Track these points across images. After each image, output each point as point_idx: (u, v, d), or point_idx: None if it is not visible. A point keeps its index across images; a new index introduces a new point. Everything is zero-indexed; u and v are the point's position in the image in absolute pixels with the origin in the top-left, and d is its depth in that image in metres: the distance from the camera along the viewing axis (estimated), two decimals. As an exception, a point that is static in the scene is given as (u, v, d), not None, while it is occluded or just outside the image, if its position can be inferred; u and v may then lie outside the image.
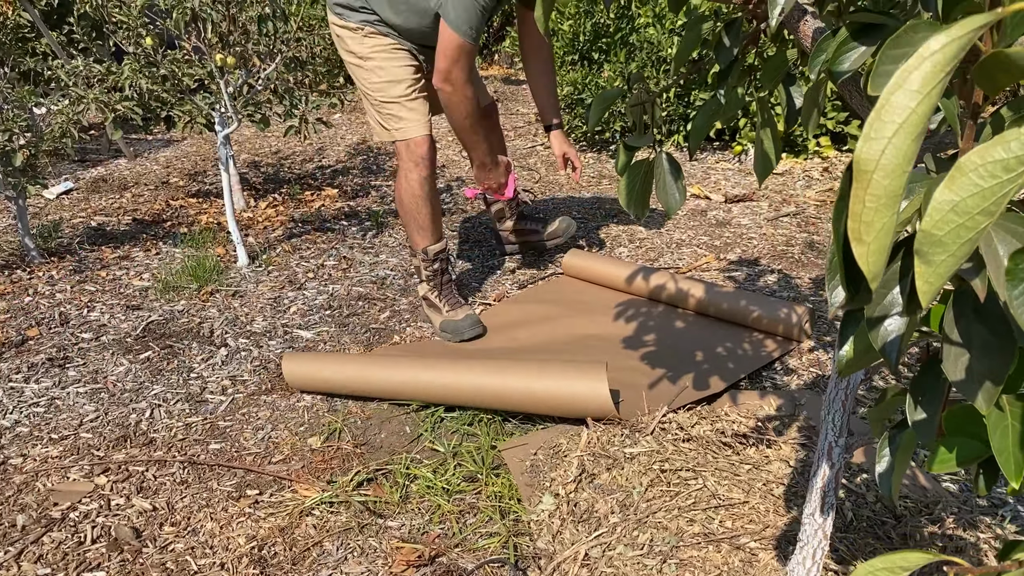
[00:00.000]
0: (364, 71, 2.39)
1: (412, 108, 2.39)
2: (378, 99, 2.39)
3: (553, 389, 1.81)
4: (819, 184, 3.89)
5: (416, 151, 2.38)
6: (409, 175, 2.40)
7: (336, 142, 5.37)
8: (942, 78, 0.38)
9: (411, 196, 2.42)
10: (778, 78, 1.09)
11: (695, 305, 2.49)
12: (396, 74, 2.38)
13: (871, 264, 0.43)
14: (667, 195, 1.24)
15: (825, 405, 1.10)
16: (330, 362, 2.11)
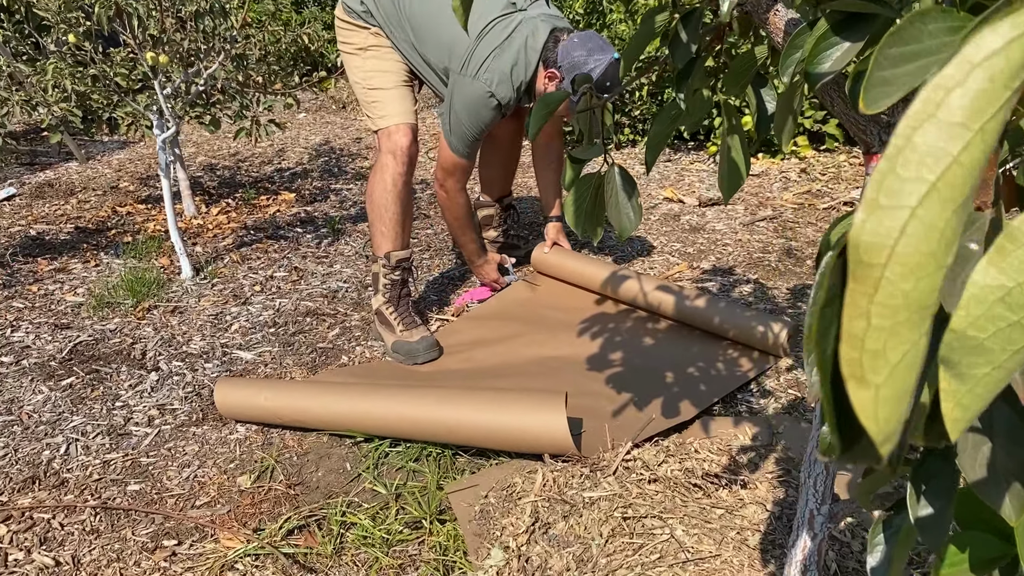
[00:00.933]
0: (358, 59, 2.31)
1: (396, 97, 2.30)
2: (365, 86, 2.31)
3: (507, 423, 1.63)
4: (796, 186, 3.74)
5: (395, 140, 2.24)
6: (384, 168, 2.25)
7: (298, 143, 5.16)
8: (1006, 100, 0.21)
9: (382, 191, 2.26)
10: (745, 80, 0.92)
11: (667, 314, 2.33)
12: (388, 67, 2.31)
13: (882, 419, 0.26)
14: (619, 214, 1.07)
15: (805, 466, 0.93)
16: (266, 389, 1.92)
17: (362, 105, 2.34)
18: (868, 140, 0.76)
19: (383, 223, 2.27)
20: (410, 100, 2.32)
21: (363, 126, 5.66)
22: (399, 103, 2.28)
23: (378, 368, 2.21)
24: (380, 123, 2.27)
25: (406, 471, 1.75)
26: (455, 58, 2.20)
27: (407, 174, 2.26)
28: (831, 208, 3.39)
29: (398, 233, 2.29)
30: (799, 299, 2.52)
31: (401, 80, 2.31)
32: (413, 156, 2.27)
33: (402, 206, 2.27)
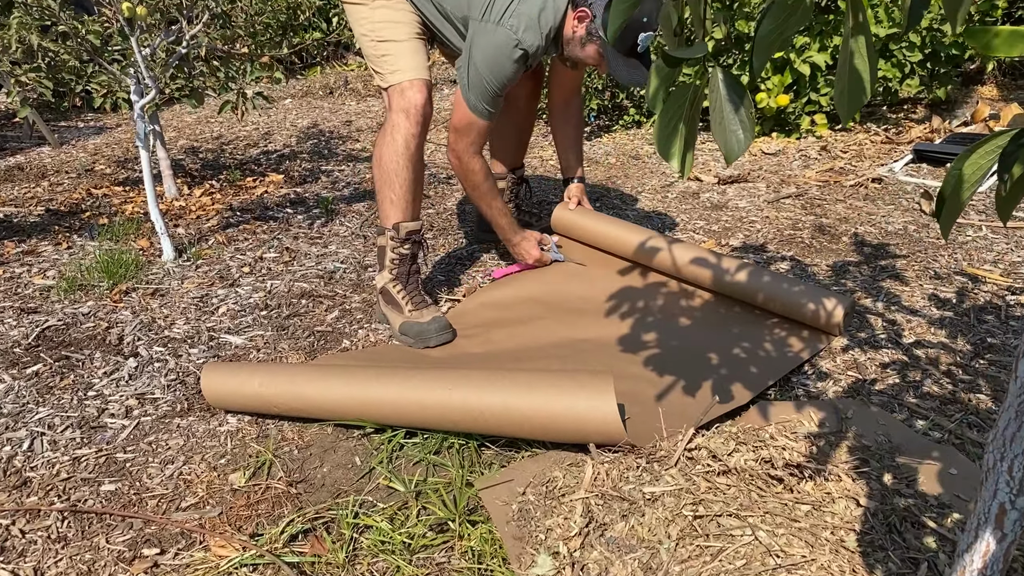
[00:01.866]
0: (366, 8, 2.07)
1: (409, 50, 2.06)
2: (374, 39, 2.06)
3: (546, 409, 1.40)
4: (818, 164, 3.53)
5: (408, 98, 2.00)
6: (396, 128, 2.01)
7: (284, 126, 4.90)
8: None
9: (393, 154, 2.01)
10: None
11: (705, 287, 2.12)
12: (400, 17, 2.08)
13: None
14: (725, 131, 0.85)
15: (994, 446, 0.70)
16: (260, 374, 1.68)
17: (370, 60, 2.09)
18: None
19: (392, 190, 2.03)
20: (424, 54, 2.09)
21: (352, 109, 5.41)
22: (412, 57, 2.04)
23: (385, 352, 1.97)
24: (391, 79, 2.03)
25: (426, 465, 1.51)
26: (475, 4, 1.96)
27: (421, 135, 2.03)
28: (858, 185, 3.18)
29: (408, 202, 2.05)
30: (841, 276, 2.31)
31: (414, 32, 2.08)
32: (428, 115, 2.03)
33: (414, 171, 2.03)
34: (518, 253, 2.34)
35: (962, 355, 1.85)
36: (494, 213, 2.26)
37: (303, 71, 6.96)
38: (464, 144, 2.11)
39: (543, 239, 2.37)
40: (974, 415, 1.61)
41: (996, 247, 2.47)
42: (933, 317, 2.03)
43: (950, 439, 1.54)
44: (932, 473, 1.40)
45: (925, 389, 1.72)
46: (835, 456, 1.43)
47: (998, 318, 2.01)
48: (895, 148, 3.71)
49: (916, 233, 2.63)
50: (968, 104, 4.39)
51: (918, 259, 2.41)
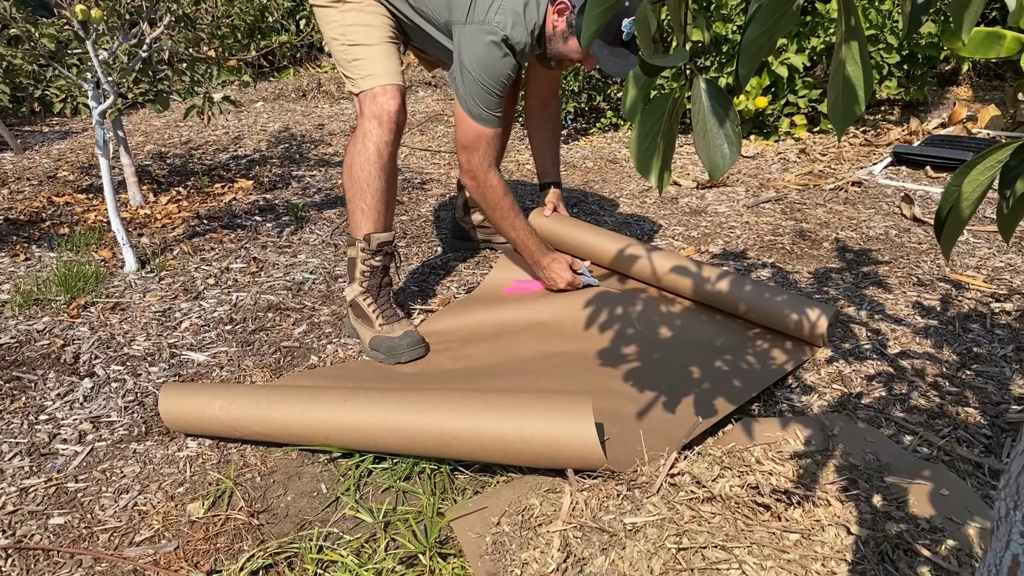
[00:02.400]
0: (335, 11, 1.97)
1: (381, 55, 1.97)
2: (345, 43, 1.97)
3: (520, 432, 1.33)
4: (797, 167, 3.49)
5: (380, 104, 1.91)
6: (368, 136, 1.92)
7: (255, 130, 4.80)
8: None
9: (364, 162, 1.92)
10: None
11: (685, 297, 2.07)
12: (371, 20, 1.98)
13: None
14: (709, 146, 0.78)
15: (1006, 493, 0.64)
16: (222, 395, 1.60)
17: (340, 65, 2.00)
18: None
19: (364, 200, 1.94)
20: (396, 59, 2.00)
21: (325, 112, 5.31)
22: (385, 61, 1.96)
23: (354, 369, 1.89)
24: (363, 84, 1.94)
25: (395, 493, 1.43)
26: (457, 6, 1.89)
27: (394, 143, 1.94)
28: (838, 189, 3.14)
29: (381, 212, 1.97)
30: (823, 283, 2.26)
31: (387, 36, 1.99)
32: (401, 122, 1.95)
33: (387, 180, 1.95)
34: (548, 277, 2.18)
35: (948, 365, 1.80)
36: (519, 234, 2.13)
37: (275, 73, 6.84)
38: (477, 160, 2.00)
39: (574, 262, 2.22)
40: (963, 429, 1.56)
41: (979, 252, 2.44)
42: (918, 326, 1.99)
43: (939, 455, 1.49)
44: (923, 494, 1.34)
45: (912, 402, 1.67)
46: (823, 477, 1.37)
47: (983, 327, 1.97)
48: (874, 150, 3.68)
49: (898, 238, 2.59)
50: (944, 105, 4.38)
51: (901, 265, 2.37)
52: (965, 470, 1.44)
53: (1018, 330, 1.94)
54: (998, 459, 1.47)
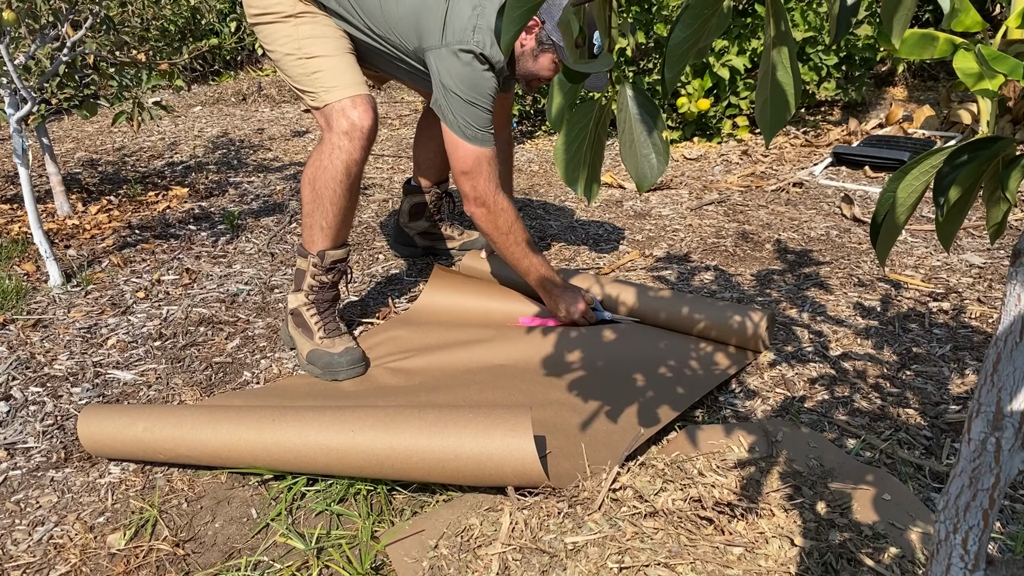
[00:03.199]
0: (287, 26, 1.82)
1: (345, 65, 1.84)
2: (301, 56, 1.82)
3: (458, 450, 1.28)
4: (740, 168, 3.51)
5: (350, 117, 1.78)
6: (336, 151, 1.79)
7: (192, 136, 4.66)
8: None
9: (331, 180, 1.80)
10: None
11: (627, 313, 2.03)
12: (325, 32, 1.85)
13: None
14: (637, 156, 0.75)
15: (945, 515, 0.62)
16: (145, 417, 1.52)
17: (297, 81, 1.84)
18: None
19: (324, 217, 1.84)
20: (359, 69, 1.88)
21: (266, 116, 5.19)
22: (349, 71, 1.83)
23: (289, 386, 1.82)
24: (327, 97, 1.79)
25: (329, 516, 1.37)
26: (428, 32, 1.79)
27: (363, 160, 1.82)
28: (780, 190, 3.16)
29: (339, 229, 1.87)
30: (766, 285, 2.26)
31: (345, 47, 1.87)
32: (373, 135, 1.82)
33: (352, 200, 1.85)
34: (560, 309, 2.00)
35: (889, 366, 1.81)
36: (534, 262, 1.96)
37: (215, 77, 6.68)
38: (483, 184, 1.86)
39: (586, 294, 2.03)
40: (904, 431, 1.56)
41: (916, 251, 2.47)
42: (859, 327, 1.99)
43: (882, 458, 1.48)
44: (866, 500, 1.34)
45: (855, 405, 1.67)
46: (767, 485, 1.35)
47: (922, 326, 1.98)
48: (815, 151, 3.73)
49: (838, 238, 2.61)
50: (881, 106, 4.46)
51: (841, 265, 2.38)
52: (907, 472, 1.44)
53: (955, 329, 1.96)
54: (939, 461, 1.47)
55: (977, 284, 2.21)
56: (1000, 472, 0.57)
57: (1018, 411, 0.55)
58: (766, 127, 0.79)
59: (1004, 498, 1.37)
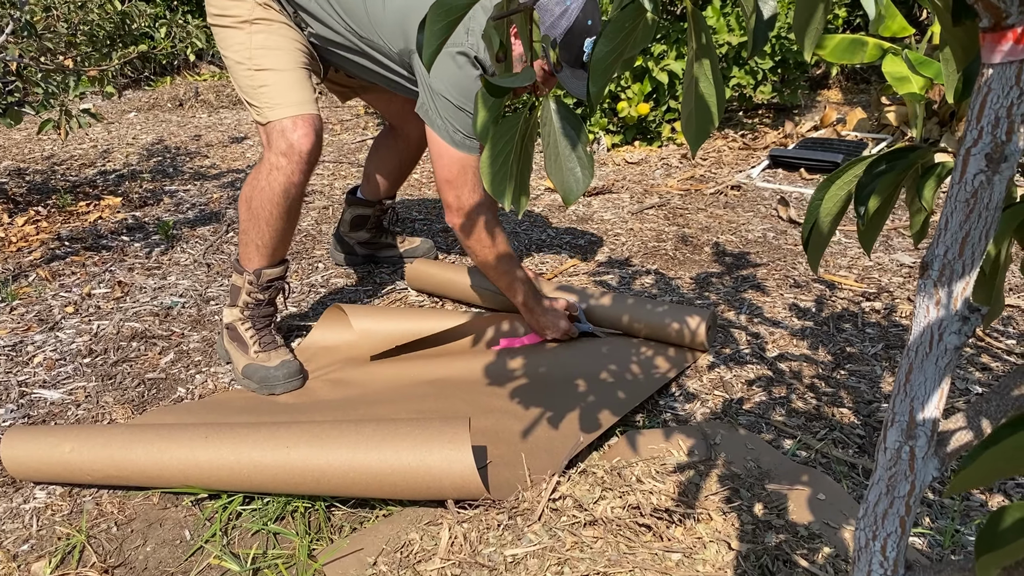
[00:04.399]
0: (241, 33, 1.75)
1: (293, 81, 1.77)
2: (250, 67, 1.75)
3: (395, 464, 1.27)
4: (679, 172, 3.56)
5: (290, 138, 1.72)
6: (274, 172, 1.74)
7: (126, 143, 4.54)
8: None
9: (267, 201, 1.75)
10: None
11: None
12: (281, 43, 1.78)
13: None
14: (562, 170, 0.74)
15: (865, 522, 0.63)
16: (72, 437, 1.46)
17: (244, 92, 1.79)
18: (1000, 4, 0.47)
19: (261, 237, 1.79)
20: (310, 86, 1.82)
21: (203, 122, 5.08)
22: (297, 89, 1.77)
23: (224, 401, 1.78)
24: (270, 114, 1.74)
25: (265, 536, 1.34)
26: (415, 33, 1.75)
27: (304, 183, 1.78)
28: (719, 193, 3.21)
29: (276, 249, 1.82)
30: (705, 288, 2.29)
31: (299, 61, 1.81)
32: (314, 158, 1.77)
33: (290, 221, 1.80)
34: (541, 325, 1.94)
35: (824, 366, 1.85)
36: (517, 279, 1.89)
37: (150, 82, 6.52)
38: (467, 194, 1.80)
39: (570, 307, 1.97)
40: (839, 431, 1.60)
41: (850, 252, 2.53)
42: (795, 328, 2.03)
43: (817, 458, 1.51)
44: (802, 500, 1.36)
45: (791, 405, 1.70)
46: (705, 488, 1.37)
47: (855, 326, 2.03)
48: (752, 153, 3.80)
49: (775, 240, 2.66)
50: (816, 108, 4.56)
51: (778, 267, 2.43)
52: (841, 471, 1.47)
53: (887, 328, 2.02)
54: (871, 459, 1.51)
55: (907, 283, 2.27)
56: (915, 480, 0.58)
57: (930, 420, 0.56)
58: (691, 138, 0.80)
59: (934, 494, 1.41)
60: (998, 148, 0.49)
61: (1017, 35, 0.47)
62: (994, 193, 0.50)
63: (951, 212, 0.52)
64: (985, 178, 0.50)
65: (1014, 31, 0.47)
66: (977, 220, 0.51)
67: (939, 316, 0.54)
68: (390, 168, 2.40)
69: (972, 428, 0.58)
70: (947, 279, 0.53)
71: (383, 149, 2.39)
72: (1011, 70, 0.48)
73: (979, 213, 0.51)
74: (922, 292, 0.55)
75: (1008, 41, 0.47)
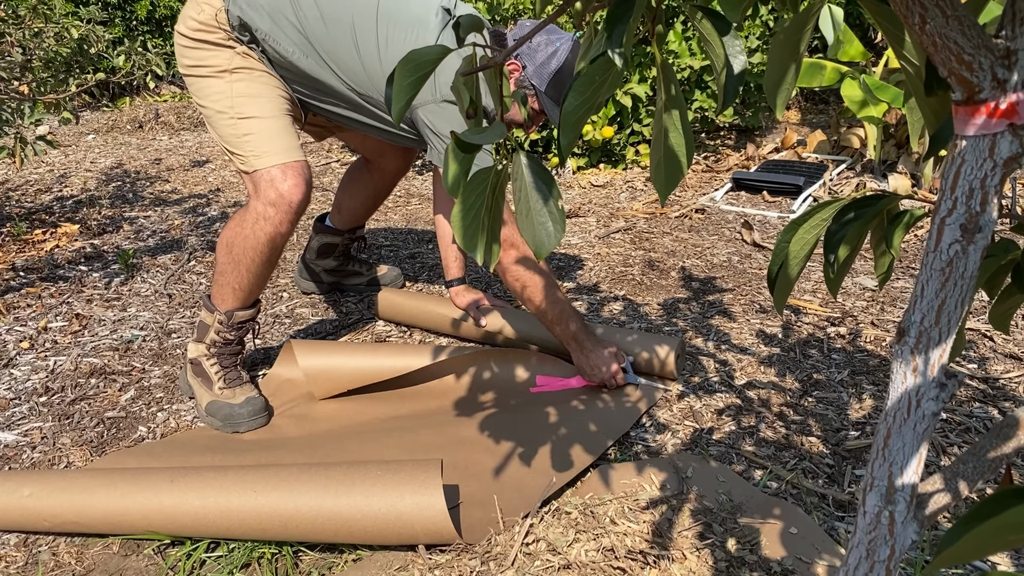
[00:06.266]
0: (221, 82, 1.72)
1: (278, 129, 1.74)
2: (233, 116, 1.71)
3: (365, 509, 1.24)
4: (644, 195, 3.58)
5: (279, 188, 1.69)
6: (260, 221, 1.70)
7: (84, 167, 4.45)
8: None
9: (250, 249, 1.72)
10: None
11: (539, 347, 2.02)
12: (264, 91, 1.75)
13: None
14: (533, 224, 0.73)
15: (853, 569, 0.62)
16: (30, 482, 1.42)
17: (227, 142, 1.74)
18: (973, 79, 0.47)
19: (239, 281, 1.76)
20: (294, 134, 1.79)
21: (163, 145, 5.00)
22: (283, 137, 1.74)
23: (187, 440, 1.73)
24: (257, 163, 1.71)
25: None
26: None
27: (290, 233, 1.75)
28: (683, 216, 3.24)
29: (251, 292, 1.79)
30: (672, 315, 2.30)
31: (282, 108, 1.78)
32: (303, 208, 1.74)
33: (271, 267, 1.78)
34: (592, 364, 1.83)
35: (791, 393, 1.86)
36: (567, 308, 1.83)
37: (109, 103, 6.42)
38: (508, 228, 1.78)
39: (619, 354, 1.87)
40: (808, 460, 1.60)
41: (814, 276, 2.56)
42: (762, 355, 2.05)
43: (788, 489, 1.52)
44: (774, 534, 1.36)
45: (760, 435, 1.70)
46: (678, 523, 1.36)
47: (821, 351, 2.05)
48: (715, 176, 3.84)
49: (740, 264, 2.69)
50: (777, 130, 4.63)
51: (744, 292, 2.44)
52: (812, 502, 1.47)
53: (852, 353, 2.04)
54: (840, 489, 1.51)
55: (870, 307, 2.30)
56: (895, 543, 0.58)
57: (909, 484, 0.56)
58: (660, 186, 0.79)
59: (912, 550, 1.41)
60: (972, 219, 0.49)
61: (990, 109, 0.47)
62: (969, 263, 0.50)
63: (927, 280, 0.52)
64: (960, 247, 0.50)
65: (987, 105, 0.47)
66: (953, 289, 0.51)
67: (916, 383, 0.54)
68: (363, 199, 2.39)
69: (950, 490, 0.58)
70: (924, 346, 0.53)
71: (356, 180, 2.37)
72: (984, 143, 0.48)
73: (955, 282, 0.51)
74: (899, 358, 0.55)
75: (981, 115, 0.48)
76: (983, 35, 0.46)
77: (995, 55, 0.46)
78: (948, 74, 0.48)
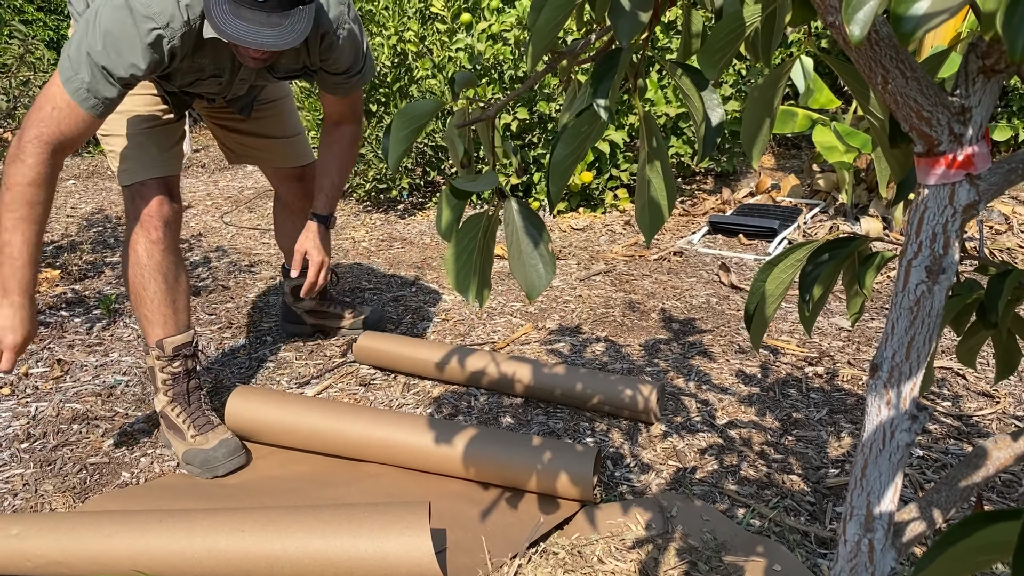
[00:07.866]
0: None
1: (138, 145, 1.81)
2: (101, 132, 1.82)
3: (351, 551, 1.25)
4: (623, 238, 3.64)
5: (139, 205, 1.79)
6: (135, 238, 1.80)
7: (64, 213, 4.45)
8: None
9: (134, 266, 1.80)
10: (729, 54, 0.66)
11: (523, 391, 2.04)
12: (128, 105, 1.82)
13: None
14: (525, 267, 0.77)
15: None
16: (19, 522, 1.41)
17: (107, 156, 1.89)
18: (932, 133, 0.51)
19: (144, 306, 1.81)
20: (158, 145, 1.84)
21: (145, 192, 5.01)
22: (141, 152, 1.81)
23: (169, 485, 1.73)
24: (123, 179, 1.82)
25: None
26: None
27: (164, 240, 1.81)
28: (662, 259, 3.29)
29: (167, 315, 1.83)
30: (653, 356, 2.33)
31: (147, 124, 1.83)
32: (170, 219, 1.81)
33: (164, 281, 1.82)
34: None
35: (772, 432, 1.89)
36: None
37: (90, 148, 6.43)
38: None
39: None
40: (790, 498, 1.63)
41: (791, 316, 2.61)
42: (742, 395, 2.08)
43: (770, 527, 1.54)
44: (759, 571, 1.38)
45: (742, 473, 1.73)
46: (664, 563, 1.38)
47: (799, 391, 2.09)
48: (692, 220, 3.91)
49: (718, 305, 2.74)
50: (752, 175, 4.74)
51: (723, 333, 2.49)
52: (794, 540, 1.49)
53: (830, 393, 2.08)
54: (822, 526, 1.54)
55: (846, 347, 2.35)
56: (875, 571, 0.61)
57: (886, 513, 0.59)
58: (645, 230, 0.83)
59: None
60: (936, 261, 0.53)
61: (949, 161, 0.51)
62: (935, 302, 0.54)
63: (896, 318, 0.56)
64: (926, 287, 0.54)
65: (946, 157, 0.51)
66: (921, 326, 0.55)
67: (890, 415, 0.57)
68: (293, 234, 2.38)
69: (925, 518, 0.61)
70: (896, 380, 0.56)
71: (281, 220, 2.45)
72: (944, 191, 0.52)
73: (922, 320, 0.55)
74: (873, 392, 0.58)
75: (941, 166, 0.52)
76: (940, 93, 0.51)
77: (951, 112, 0.51)
78: (910, 129, 0.52)
